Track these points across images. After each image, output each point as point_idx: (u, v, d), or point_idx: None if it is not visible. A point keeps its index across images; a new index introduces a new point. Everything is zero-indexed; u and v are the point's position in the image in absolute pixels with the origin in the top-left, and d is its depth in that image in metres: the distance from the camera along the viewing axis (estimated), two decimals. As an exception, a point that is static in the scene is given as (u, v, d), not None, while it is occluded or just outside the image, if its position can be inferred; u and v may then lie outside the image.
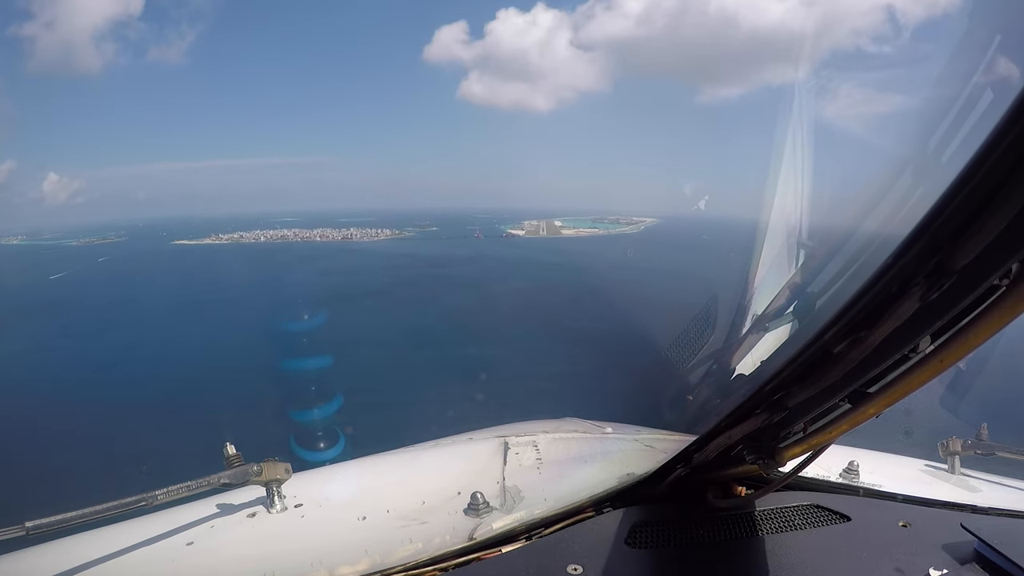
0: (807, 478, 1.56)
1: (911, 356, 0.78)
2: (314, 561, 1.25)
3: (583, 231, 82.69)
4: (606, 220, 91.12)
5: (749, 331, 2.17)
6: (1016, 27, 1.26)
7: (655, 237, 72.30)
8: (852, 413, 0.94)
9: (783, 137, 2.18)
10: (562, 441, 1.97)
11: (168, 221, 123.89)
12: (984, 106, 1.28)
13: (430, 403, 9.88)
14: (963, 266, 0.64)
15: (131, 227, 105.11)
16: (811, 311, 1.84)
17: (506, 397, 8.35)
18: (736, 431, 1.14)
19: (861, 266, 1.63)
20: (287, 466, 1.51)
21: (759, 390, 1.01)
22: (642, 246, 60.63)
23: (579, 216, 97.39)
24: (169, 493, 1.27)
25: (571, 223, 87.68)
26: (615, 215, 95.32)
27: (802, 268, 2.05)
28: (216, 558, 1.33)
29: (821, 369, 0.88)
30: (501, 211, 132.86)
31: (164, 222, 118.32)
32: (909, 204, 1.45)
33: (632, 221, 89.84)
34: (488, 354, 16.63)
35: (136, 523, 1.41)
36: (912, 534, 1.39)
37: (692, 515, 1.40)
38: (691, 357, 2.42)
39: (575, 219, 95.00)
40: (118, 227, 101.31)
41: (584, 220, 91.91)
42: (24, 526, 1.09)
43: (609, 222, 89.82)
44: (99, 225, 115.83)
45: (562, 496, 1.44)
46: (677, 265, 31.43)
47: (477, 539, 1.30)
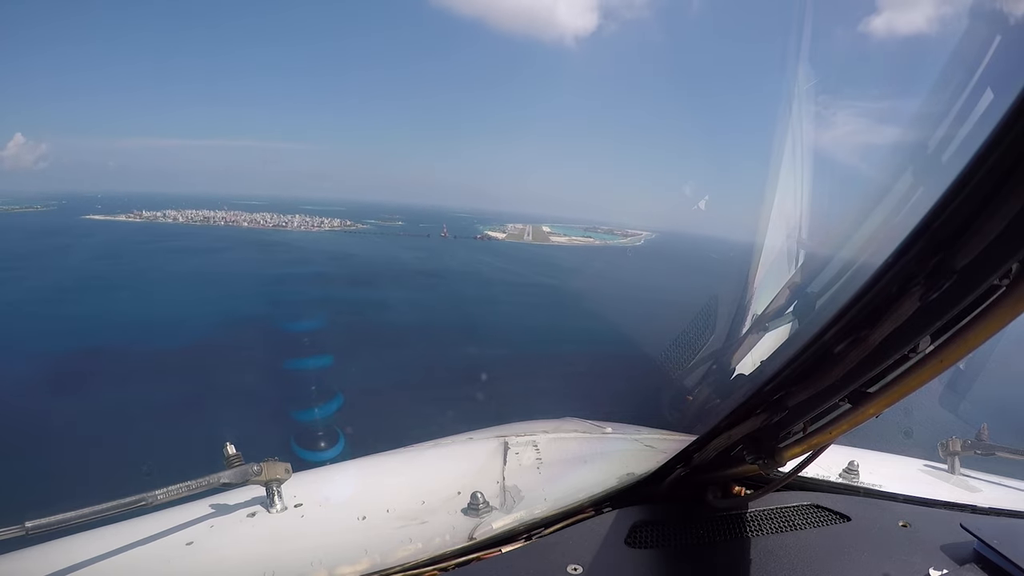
0: (807, 478, 1.56)
1: (911, 356, 0.78)
2: (314, 561, 1.25)
3: (576, 240, 75.94)
4: (599, 230, 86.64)
5: (749, 331, 2.17)
6: (1016, 27, 1.26)
7: (661, 252, 64.35)
8: (852, 413, 0.94)
9: (783, 137, 2.18)
10: (562, 441, 1.96)
11: (116, 195, 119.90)
12: (984, 106, 1.28)
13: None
14: (963, 266, 0.64)
15: (72, 197, 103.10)
16: (811, 311, 1.84)
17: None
18: (736, 431, 1.14)
19: (861, 266, 1.63)
20: (287, 466, 1.51)
21: (759, 390, 1.01)
22: (661, 266, 48.06)
23: (569, 224, 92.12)
24: (169, 493, 1.26)
25: (561, 229, 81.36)
26: (607, 226, 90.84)
27: (802, 268, 2.05)
28: (216, 558, 1.33)
29: (821, 369, 0.88)
30: (485, 212, 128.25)
31: (111, 195, 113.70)
32: (909, 204, 1.45)
33: (628, 233, 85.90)
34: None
35: (136, 523, 1.41)
36: (912, 534, 1.39)
37: (692, 515, 1.40)
38: (691, 357, 2.42)
39: (565, 225, 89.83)
40: (61, 196, 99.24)
41: (575, 229, 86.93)
42: (24, 526, 1.08)
43: (603, 232, 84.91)
44: (50, 193, 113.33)
45: (562, 496, 1.44)
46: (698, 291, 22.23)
47: (477, 539, 1.30)
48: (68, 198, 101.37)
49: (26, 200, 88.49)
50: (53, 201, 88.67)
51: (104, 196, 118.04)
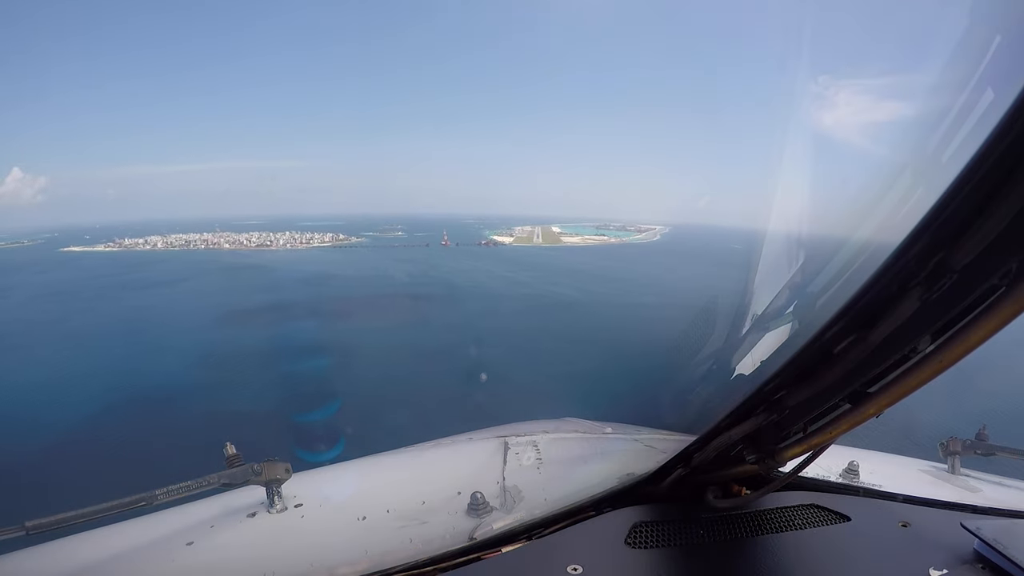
0: (807, 478, 1.56)
1: (911, 356, 0.78)
2: (314, 561, 1.25)
3: (590, 239, 70.87)
4: (611, 227, 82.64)
5: (749, 331, 2.17)
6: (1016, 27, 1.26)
7: (679, 247, 57.90)
8: (852, 413, 0.94)
9: (783, 136, 2.18)
10: (562, 441, 1.96)
11: (114, 224, 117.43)
12: (984, 106, 1.28)
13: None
14: (963, 266, 0.64)
15: (67, 229, 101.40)
16: (811, 311, 1.84)
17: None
18: (736, 431, 1.14)
19: (861, 266, 1.62)
20: (287, 466, 1.51)
21: (759, 390, 1.01)
22: (692, 264, 41.72)
23: (578, 223, 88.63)
24: (169, 493, 1.27)
25: (572, 229, 76.78)
26: (618, 222, 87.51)
27: (802, 268, 2.04)
28: (216, 558, 1.33)
29: (821, 369, 0.88)
30: (491, 217, 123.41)
31: (109, 225, 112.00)
32: (909, 204, 1.45)
33: (642, 228, 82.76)
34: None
35: (136, 523, 1.41)
36: (912, 534, 1.39)
37: (692, 515, 1.40)
38: (691, 357, 2.42)
39: (576, 225, 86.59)
40: (56, 229, 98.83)
41: (586, 227, 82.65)
42: (24, 526, 1.09)
43: (615, 229, 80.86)
44: (47, 227, 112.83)
45: (562, 496, 1.44)
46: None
47: (477, 539, 1.30)
48: (62, 230, 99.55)
49: (15, 236, 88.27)
50: (45, 234, 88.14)
51: (102, 227, 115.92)
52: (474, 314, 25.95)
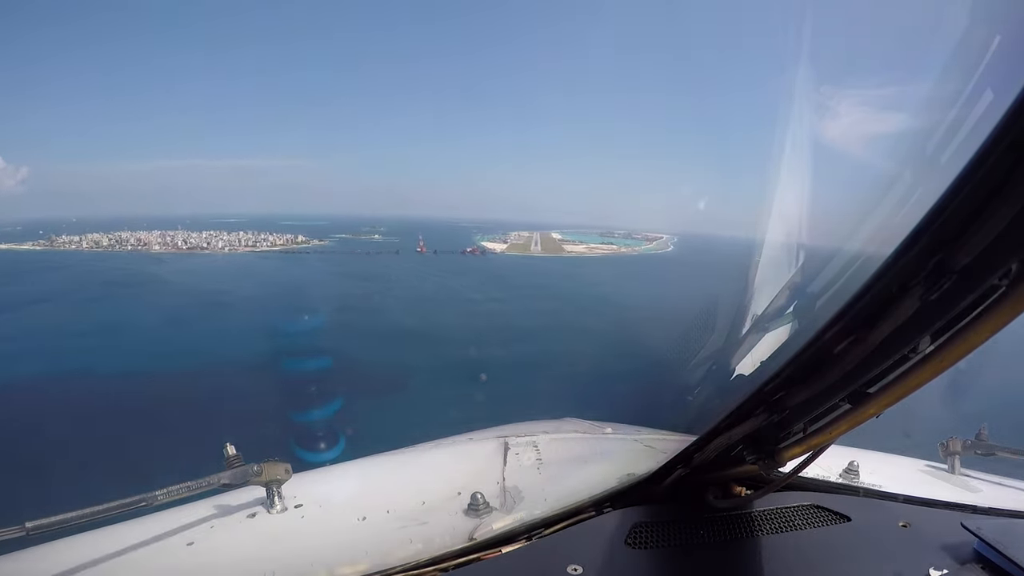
0: (807, 478, 1.56)
1: (911, 356, 0.78)
2: (314, 561, 1.25)
3: (596, 248, 62.84)
4: (616, 234, 76.15)
5: (749, 331, 2.17)
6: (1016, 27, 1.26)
7: (703, 257, 48.45)
8: (852, 413, 0.94)
9: (783, 136, 2.18)
10: (562, 441, 1.96)
11: (88, 219, 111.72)
12: (984, 106, 1.28)
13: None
14: (963, 266, 0.64)
15: (29, 223, 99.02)
16: (811, 311, 1.84)
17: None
18: (736, 431, 1.14)
19: (861, 266, 1.62)
20: (287, 466, 1.51)
21: (759, 390, 1.01)
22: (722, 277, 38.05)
23: (581, 230, 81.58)
24: (169, 493, 1.26)
25: (575, 236, 69.39)
26: (621, 229, 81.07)
27: (802, 268, 2.04)
28: (216, 558, 1.32)
29: (821, 369, 0.88)
30: (488, 221, 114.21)
31: (60, 221, 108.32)
32: (909, 204, 1.45)
33: (651, 237, 74.81)
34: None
35: (136, 523, 1.41)
36: (912, 534, 1.39)
37: (692, 515, 1.40)
38: (691, 357, 2.42)
39: (578, 232, 78.98)
40: (16, 223, 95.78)
41: (590, 234, 75.62)
42: (24, 526, 1.08)
43: (621, 236, 73.97)
44: (19, 219, 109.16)
45: (562, 496, 1.44)
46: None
47: (477, 539, 1.30)
48: (25, 224, 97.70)
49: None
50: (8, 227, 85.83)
51: (78, 221, 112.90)
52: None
